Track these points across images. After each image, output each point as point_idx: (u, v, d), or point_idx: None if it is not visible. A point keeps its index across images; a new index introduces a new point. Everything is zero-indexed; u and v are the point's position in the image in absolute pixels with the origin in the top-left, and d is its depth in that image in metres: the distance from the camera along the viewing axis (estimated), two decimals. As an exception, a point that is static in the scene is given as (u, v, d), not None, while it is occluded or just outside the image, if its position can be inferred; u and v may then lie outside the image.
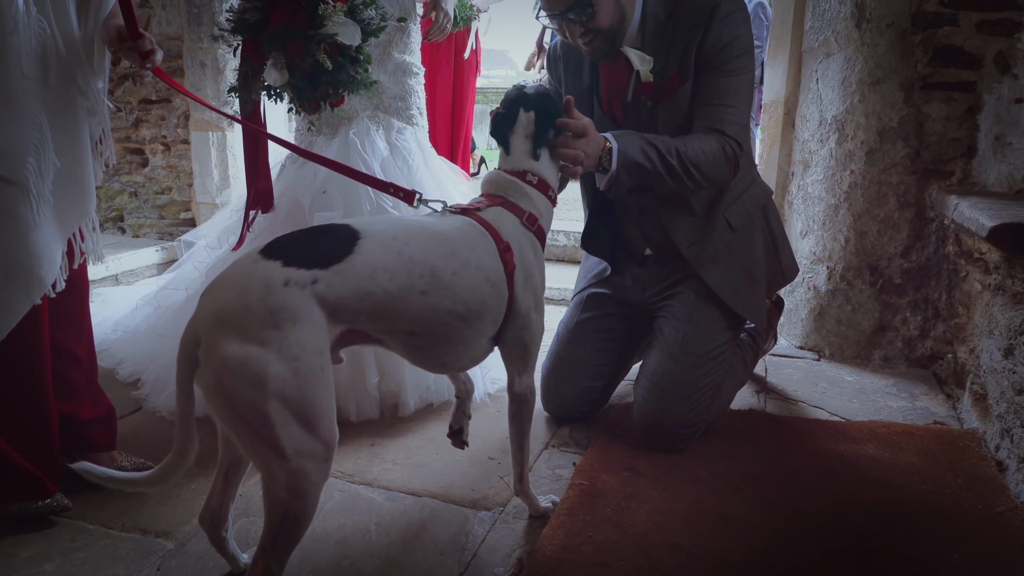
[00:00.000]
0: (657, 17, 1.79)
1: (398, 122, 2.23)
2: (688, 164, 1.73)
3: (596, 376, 2.05)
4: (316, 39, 1.80)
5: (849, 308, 2.54)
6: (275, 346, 1.10)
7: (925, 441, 1.93)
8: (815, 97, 2.61)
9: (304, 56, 1.80)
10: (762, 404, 2.21)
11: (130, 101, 3.87)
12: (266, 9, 1.84)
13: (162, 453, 1.82)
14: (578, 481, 1.72)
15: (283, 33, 1.80)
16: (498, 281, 1.38)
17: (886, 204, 2.44)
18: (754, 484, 1.73)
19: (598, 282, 2.14)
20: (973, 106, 2.31)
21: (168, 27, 3.68)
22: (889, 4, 2.33)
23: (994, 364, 1.90)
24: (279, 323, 1.11)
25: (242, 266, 1.17)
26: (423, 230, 1.32)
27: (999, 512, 1.61)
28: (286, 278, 1.14)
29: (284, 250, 1.18)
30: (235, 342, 1.08)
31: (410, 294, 1.25)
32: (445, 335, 1.33)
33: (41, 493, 1.54)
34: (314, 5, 1.81)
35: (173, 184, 3.91)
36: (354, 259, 1.20)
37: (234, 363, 1.08)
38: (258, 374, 1.08)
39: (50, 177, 1.43)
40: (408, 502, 1.66)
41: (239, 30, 1.90)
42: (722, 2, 1.75)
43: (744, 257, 1.95)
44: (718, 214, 1.92)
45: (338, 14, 1.82)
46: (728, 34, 1.75)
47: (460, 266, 1.32)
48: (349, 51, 1.85)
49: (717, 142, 1.76)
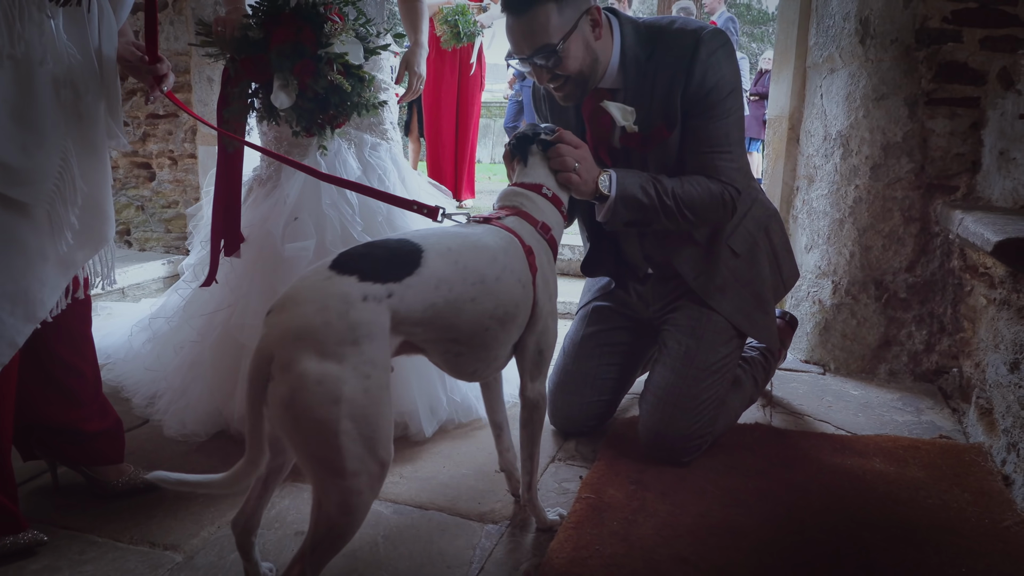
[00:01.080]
0: (637, 58, 1.73)
1: (371, 138, 2.14)
2: (683, 207, 1.72)
3: (603, 390, 2.06)
4: (326, 59, 1.73)
5: (854, 322, 2.55)
6: (351, 364, 1.11)
7: (931, 455, 1.93)
8: (819, 112, 2.63)
9: (315, 76, 1.72)
10: (768, 418, 2.21)
11: (137, 116, 3.91)
12: (267, 26, 1.76)
13: (170, 468, 1.83)
14: (585, 495, 1.72)
15: (290, 51, 1.72)
16: (528, 283, 1.43)
17: (891, 219, 2.45)
18: (761, 498, 1.73)
19: (603, 295, 2.15)
20: (977, 121, 2.33)
21: (176, 43, 3.71)
22: (893, 20, 2.35)
23: (1000, 378, 1.90)
24: (357, 340, 1.12)
25: (315, 282, 1.17)
26: (466, 240, 1.36)
27: (1006, 527, 1.61)
28: (364, 293, 1.15)
29: (357, 265, 1.19)
30: (314, 358, 1.08)
31: (463, 302, 1.29)
32: (483, 341, 1.37)
33: (13, 527, 1.48)
34: (319, 23, 1.74)
35: (180, 198, 3.94)
36: (423, 271, 1.24)
37: (311, 380, 1.08)
38: (333, 393, 1.09)
39: (77, 203, 1.41)
40: (415, 515, 1.66)
41: (239, 48, 1.78)
42: (703, 41, 1.68)
43: (752, 281, 1.94)
44: (721, 242, 1.91)
45: (346, 32, 1.76)
46: (712, 77, 1.69)
47: (501, 271, 1.37)
48: (357, 71, 1.79)
49: (717, 187, 1.74)
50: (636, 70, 1.74)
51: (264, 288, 1.95)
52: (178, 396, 2.06)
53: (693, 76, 1.68)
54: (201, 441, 1.99)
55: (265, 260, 1.98)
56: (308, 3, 1.76)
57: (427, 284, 1.24)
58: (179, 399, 2.06)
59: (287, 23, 1.73)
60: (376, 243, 1.31)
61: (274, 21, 1.75)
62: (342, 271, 1.17)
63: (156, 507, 1.67)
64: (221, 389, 1.99)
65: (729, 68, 1.72)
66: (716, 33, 1.71)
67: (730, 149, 1.75)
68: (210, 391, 2.00)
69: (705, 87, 1.69)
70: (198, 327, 2.07)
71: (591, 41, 1.67)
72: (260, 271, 1.98)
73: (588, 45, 1.66)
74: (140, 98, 3.86)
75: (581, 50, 1.65)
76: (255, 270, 1.99)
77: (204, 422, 2.00)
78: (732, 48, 1.75)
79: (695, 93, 1.70)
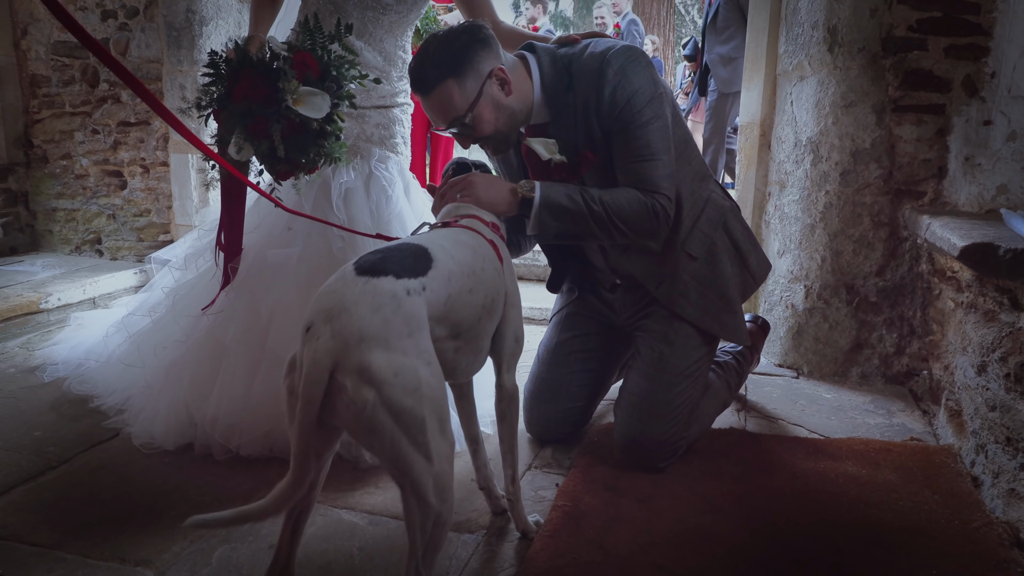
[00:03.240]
0: (557, 89, 1.77)
1: (380, 150, 2.17)
2: (612, 215, 1.72)
3: (578, 396, 2.06)
4: (275, 116, 1.70)
5: (826, 326, 2.58)
6: (414, 354, 1.16)
7: (903, 458, 1.96)
8: (790, 119, 2.67)
9: (265, 136, 1.70)
10: (742, 422, 2.23)
11: (108, 123, 3.85)
12: (229, 82, 1.75)
13: (141, 481, 1.82)
14: (561, 503, 1.73)
15: (243, 111, 1.71)
16: (500, 272, 1.51)
17: (861, 224, 2.49)
18: (736, 503, 1.74)
19: (576, 301, 2.16)
20: (943, 128, 2.37)
21: (147, 50, 3.67)
22: (860, 29, 2.39)
23: (968, 381, 1.94)
24: (412, 332, 1.18)
25: (355, 287, 1.18)
26: (448, 238, 1.44)
27: (975, 528, 1.63)
28: (406, 288, 1.21)
29: (386, 266, 1.23)
30: (383, 355, 1.12)
31: (463, 294, 1.37)
32: (476, 332, 1.44)
33: None
34: (275, 77, 1.70)
35: (152, 206, 3.89)
36: (437, 266, 1.30)
37: (389, 374, 1.11)
38: (413, 380, 1.13)
39: None
40: (391, 526, 1.65)
41: (206, 104, 1.80)
42: (610, 60, 1.72)
43: (714, 282, 1.95)
44: (677, 249, 1.91)
45: (299, 87, 1.70)
46: (623, 93, 1.71)
47: (483, 262, 1.45)
48: (312, 125, 1.73)
49: (643, 196, 1.75)
50: (559, 101, 1.78)
51: (250, 294, 1.98)
52: (152, 400, 2.04)
53: (603, 97, 1.72)
54: (169, 451, 1.96)
55: (251, 265, 2.01)
56: (270, 56, 1.73)
57: (442, 277, 1.30)
58: (151, 405, 2.04)
59: (244, 79, 1.71)
60: (386, 248, 1.34)
61: (235, 76, 1.74)
62: (375, 274, 1.21)
63: (127, 522, 1.65)
64: (199, 392, 1.98)
65: (640, 80, 1.73)
66: (621, 51, 1.74)
67: (653, 157, 1.75)
68: (184, 398, 1.99)
69: (617, 105, 1.72)
70: (185, 327, 2.07)
71: (501, 100, 1.70)
72: (247, 276, 2.01)
73: (499, 105, 1.70)
74: (112, 105, 3.82)
75: (491, 113, 1.70)
76: (244, 276, 2.01)
77: (173, 432, 1.98)
78: (641, 60, 1.75)
79: (609, 112, 1.73)
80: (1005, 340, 1.75)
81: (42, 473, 1.86)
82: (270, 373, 1.88)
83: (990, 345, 1.81)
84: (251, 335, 1.95)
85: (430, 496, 1.14)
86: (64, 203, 4.09)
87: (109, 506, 1.71)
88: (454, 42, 1.64)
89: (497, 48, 1.71)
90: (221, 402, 1.92)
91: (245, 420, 1.90)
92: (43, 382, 2.45)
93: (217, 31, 3.59)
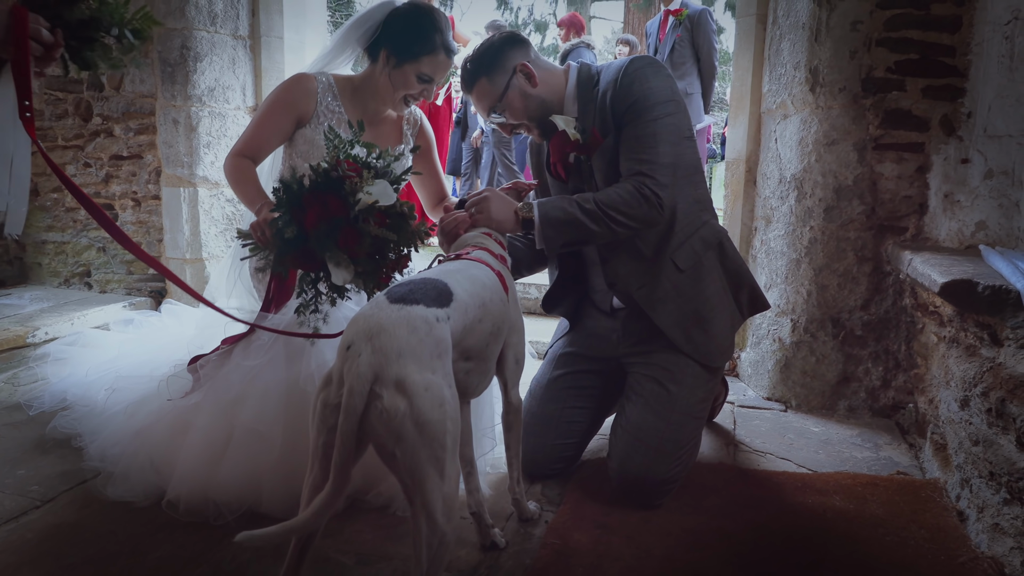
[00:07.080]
0: (586, 87, 1.98)
1: None
2: (606, 207, 1.84)
3: (569, 434, 2.07)
4: (361, 217, 1.70)
5: (813, 359, 2.60)
6: (441, 374, 1.27)
7: (889, 492, 1.97)
8: (774, 156, 2.72)
9: (360, 240, 1.70)
10: (731, 456, 2.24)
11: (100, 157, 3.87)
12: (295, 215, 1.72)
13: (126, 520, 1.79)
14: (550, 540, 1.72)
15: (327, 230, 1.69)
16: (504, 302, 1.65)
17: (845, 259, 2.53)
18: (725, 539, 1.74)
19: (572, 338, 2.18)
20: (923, 166, 2.43)
21: (141, 85, 3.71)
22: (841, 70, 2.45)
23: (951, 415, 1.95)
24: (440, 354, 1.29)
25: (391, 312, 1.29)
26: (462, 272, 1.56)
27: (961, 563, 1.64)
28: (436, 315, 1.32)
29: (415, 296, 1.34)
30: (416, 371, 1.23)
31: (475, 323, 1.48)
32: (483, 356, 1.56)
33: None
34: (339, 187, 1.70)
35: (143, 239, 3.89)
36: (456, 299, 1.41)
37: (421, 387, 1.22)
38: (439, 397, 1.23)
39: None
40: (380, 566, 1.64)
41: (282, 249, 1.75)
42: (632, 62, 1.90)
43: (693, 298, 1.98)
44: (665, 256, 1.97)
45: (367, 180, 1.70)
46: (639, 87, 1.86)
47: (491, 295, 1.57)
48: (395, 209, 1.74)
49: (632, 184, 1.85)
50: (586, 96, 1.98)
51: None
52: (124, 459, 1.97)
53: (620, 86, 1.88)
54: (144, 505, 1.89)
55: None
56: (320, 173, 1.72)
57: (460, 309, 1.41)
58: (124, 462, 1.96)
59: (312, 204, 1.70)
60: (410, 282, 1.43)
61: (300, 208, 1.72)
62: (407, 302, 1.31)
63: (111, 563, 1.62)
64: (167, 459, 1.91)
65: (658, 82, 1.88)
66: (645, 58, 1.93)
67: (655, 146, 1.86)
68: (153, 461, 1.92)
69: (631, 95, 1.87)
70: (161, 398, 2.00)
71: (528, 90, 1.98)
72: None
73: (527, 95, 1.98)
74: (104, 139, 3.84)
75: (520, 101, 1.98)
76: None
77: (142, 492, 1.90)
78: (662, 69, 1.91)
79: (622, 100, 1.88)
80: (986, 375, 1.77)
81: (25, 512, 1.84)
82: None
83: (972, 380, 1.84)
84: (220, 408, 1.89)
85: (438, 514, 1.22)
86: (54, 236, 4.09)
87: (93, 546, 1.69)
88: (489, 47, 1.99)
89: (527, 48, 2.00)
90: (186, 474, 1.84)
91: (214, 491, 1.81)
92: (28, 417, 2.42)
93: (211, 67, 3.63)
